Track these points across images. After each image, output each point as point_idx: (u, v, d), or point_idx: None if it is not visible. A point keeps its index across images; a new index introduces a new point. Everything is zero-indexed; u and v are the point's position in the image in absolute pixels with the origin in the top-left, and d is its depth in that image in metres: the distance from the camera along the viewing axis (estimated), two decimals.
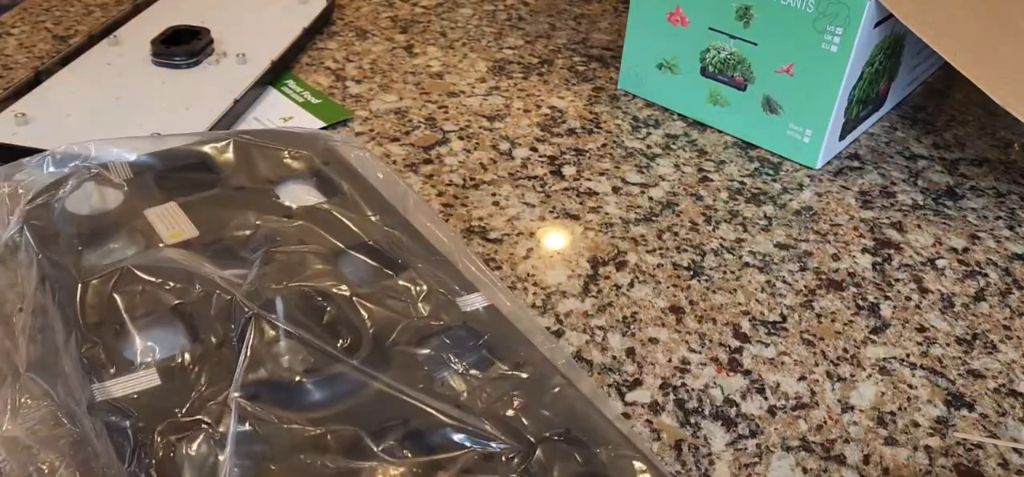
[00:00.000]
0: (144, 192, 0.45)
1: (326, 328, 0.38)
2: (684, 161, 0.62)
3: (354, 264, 0.43)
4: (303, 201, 0.46)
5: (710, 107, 0.66)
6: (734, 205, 0.58)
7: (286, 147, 0.50)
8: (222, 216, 0.44)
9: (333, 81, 0.69)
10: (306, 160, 0.49)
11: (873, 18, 0.57)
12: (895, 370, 0.46)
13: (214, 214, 0.44)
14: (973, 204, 0.60)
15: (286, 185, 0.48)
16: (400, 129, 0.64)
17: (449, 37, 0.78)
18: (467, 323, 0.39)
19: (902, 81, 0.69)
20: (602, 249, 0.53)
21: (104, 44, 0.70)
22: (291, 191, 0.47)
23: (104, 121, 0.60)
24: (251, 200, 0.45)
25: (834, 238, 0.55)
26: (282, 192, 0.47)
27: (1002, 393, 0.45)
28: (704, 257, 0.53)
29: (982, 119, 0.71)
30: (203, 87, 0.65)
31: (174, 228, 0.43)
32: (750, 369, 0.45)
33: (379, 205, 0.47)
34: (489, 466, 0.33)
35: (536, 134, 0.64)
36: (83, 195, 0.44)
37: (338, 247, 0.43)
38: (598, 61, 0.75)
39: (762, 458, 0.40)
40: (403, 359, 0.37)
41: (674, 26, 0.65)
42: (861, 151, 0.65)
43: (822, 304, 0.50)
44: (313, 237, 0.43)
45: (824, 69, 0.58)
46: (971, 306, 0.51)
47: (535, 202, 0.57)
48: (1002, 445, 0.42)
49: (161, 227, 0.42)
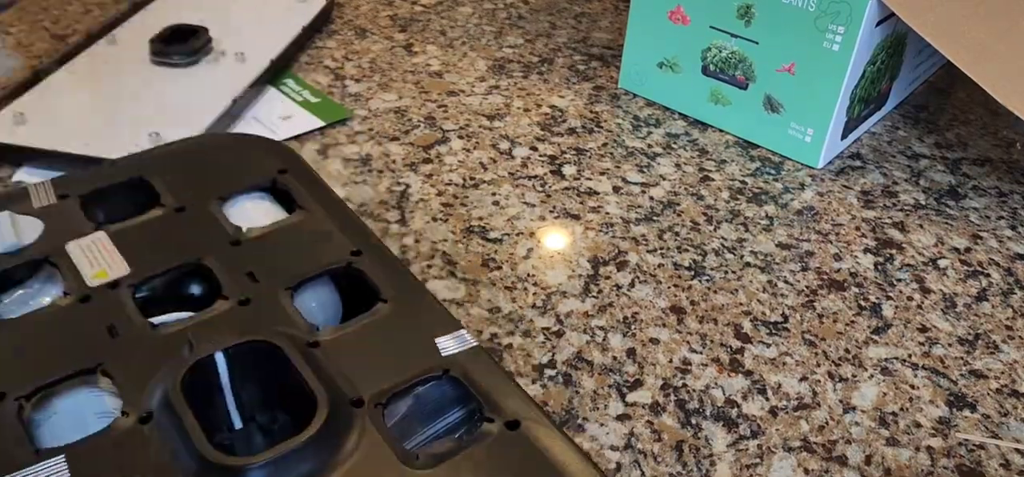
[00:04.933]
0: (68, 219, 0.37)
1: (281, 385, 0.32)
2: (685, 160, 0.62)
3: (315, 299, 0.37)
4: (256, 221, 0.39)
5: (711, 106, 0.66)
6: (735, 205, 0.58)
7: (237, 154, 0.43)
8: (159, 246, 0.37)
9: (332, 80, 0.69)
10: (261, 169, 0.42)
11: (875, 17, 0.56)
12: (897, 370, 0.46)
13: (150, 244, 0.37)
14: (975, 204, 0.60)
15: (236, 202, 0.40)
16: (400, 128, 0.64)
17: (449, 36, 0.77)
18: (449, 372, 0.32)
19: (904, 80, 0.69)
20: (603, 249, 0.53)
21: (102, 43, 0.70)
22: (242, 209, 0.40)
23: (102, 120, 0.60)
24: (194, 224, 0.38)
25: (836, 238, 0.55)
26: (232, 211, 0.40)
27: (1004, 393, 0.45)
28: (705, 257, 0.53)
29: (984, 118, 0.71)
30: (202, 86, 0.64)
31: (100, 265, 0.36)
32: (751, 369, 0.45)
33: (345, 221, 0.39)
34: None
35: (536, 133, 0.64)
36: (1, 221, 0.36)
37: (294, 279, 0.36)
38: (599, 60, 0.75)
39: (763, 459, 0.40)
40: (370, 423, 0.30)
41: (675, 25, 0.65)
42: (863, 150, 0.65)
43: (824, 304, 0.50)
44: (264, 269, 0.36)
45: (826, 68, 0.58)
46: (973, 306, 0.50)
47: (535, 202, 0.57)
48: (1004, 446, 0.42)
49: (85, 264, 0.35)
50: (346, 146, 0.61)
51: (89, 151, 0.56)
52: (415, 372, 0.32)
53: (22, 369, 0.31)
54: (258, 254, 0.37)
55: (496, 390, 0.32)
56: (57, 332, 0.33)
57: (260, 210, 0.40)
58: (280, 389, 0.33)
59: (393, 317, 0.35)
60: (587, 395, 0.42)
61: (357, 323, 0.34)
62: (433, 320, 0.35)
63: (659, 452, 0.40)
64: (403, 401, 0.32)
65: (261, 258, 0.37)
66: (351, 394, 0.31)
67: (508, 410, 0.31)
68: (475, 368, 0.32)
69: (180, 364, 0.31)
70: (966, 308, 0.50)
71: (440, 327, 0.34)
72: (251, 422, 0.34)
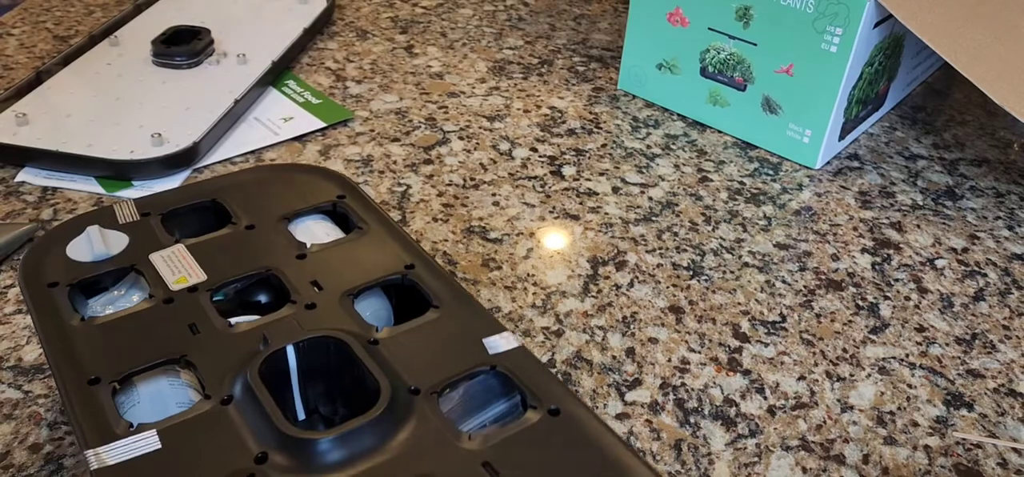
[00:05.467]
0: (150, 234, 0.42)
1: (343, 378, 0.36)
2: (684, 161, 0.62)
3: (370, 307, 0.40)
4: (318, 239, 0.43)
5: (710, 107, 0.66)
6: (734, 205, 0.58)
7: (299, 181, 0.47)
8: (232, 258, 0.41)
9: (333, 81, 0.69)
10: (322, 194, 0.46)
11: (873, 18, 0.57)
12: (894, 370, 0.46)
13: (224, 257, 0.41)
14: (972, 204, 0.60)
15: (300, 222, 0.44)
16: (400, 129, 0.64)
17: (449, 37, 0.78)
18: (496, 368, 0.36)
19: (901, 81, 0.69)
20: (602, 249, 0.53)
21: (105, 44, 0.70)
22: (306, 228, 0.44)
23: (104, 121, 0.60)
24: (263, 239, 0.42)
25: (833, 238, 0.56)
26: (296, 230, 0.44)
27: (1001, 393, 0.45)
28: (704, 257, 0.53)
29: (981, 119, 0.71)
30: (203, 87, 0.65)
31: (181, 272, 0.40)
32: (750, 369, 0.45)
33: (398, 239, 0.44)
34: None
35: (536, 134, 0.64)
36: (86, 241, 0.40)
37: (354, 287, 0.40)
38: (598, 61, 0.75)
39: (762, 458, 0.40)
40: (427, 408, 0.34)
41: (674, 26, 0.65)
42: (860, 151, 0.65)
43: (821, 304, 0.50)
44: (327, 279, 0.40)
45: (824, 69, 0.58)
46: (970, 306, 0.51)
47: (535, 202, 0.57)
48: (1001, 445, 0.42)
49: (166, 271, 0.40)
50: (347, 147, 0.61)
51: (91, 152, 0.56)
52: (465, 366, 0.36)
53: (116, 358, 0.35)
54: (322, 266, 0.41)
55: (538, 382, 0.35)
56: (145, 328, 0.36)
57: (322, 229, 0.44)
58: (342, 383, 0.36)
59: (444, 321, 0.38)
60: (586, 394, 0.43)
61: (412, 325, 0.38)
62: (480, 323, 0.38)
63: (658, 451, 0.40)
64: (455, 392, 0.35)
65: (324, 269, 0.41)
66: (409, 384, 0.34)
67: (549, 399, 0.34)
68: (519, 364, 0.36)
69: (256, 355, 0.35)
70: (963, 308, 0.50)
71: (487, 329, 0.38)
72: (313, 414, 0.38)
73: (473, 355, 0.36)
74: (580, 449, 0.33)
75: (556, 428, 0.33)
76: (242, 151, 0.60)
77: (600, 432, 0.33)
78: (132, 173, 0.56)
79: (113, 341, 0.36)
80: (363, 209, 0.45)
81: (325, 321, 0.37)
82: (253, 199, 0.45)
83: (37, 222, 0.52)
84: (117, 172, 0.56)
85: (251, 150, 0.60)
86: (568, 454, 0.32)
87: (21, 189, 0.56)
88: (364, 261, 0.41)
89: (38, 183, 0.56)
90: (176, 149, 0.57)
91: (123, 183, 0.56)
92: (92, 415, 0.32)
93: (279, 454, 0.31)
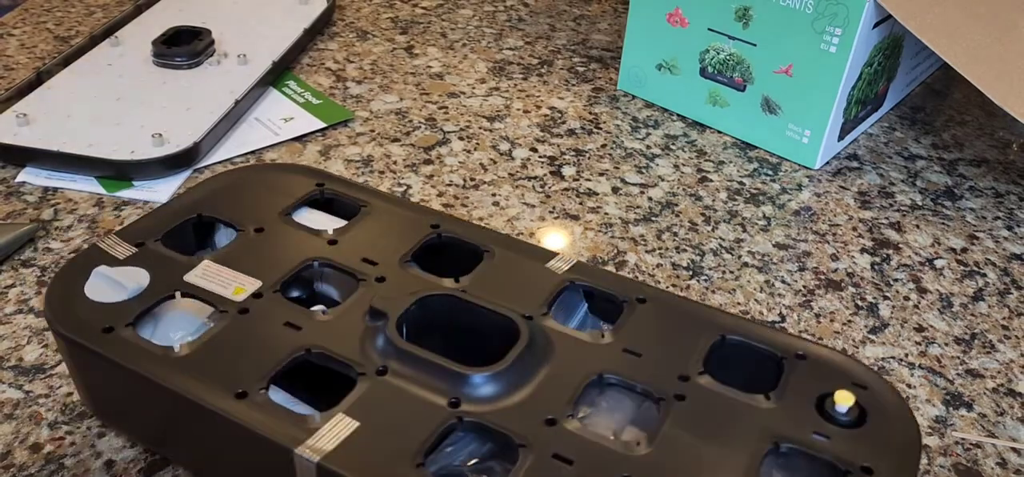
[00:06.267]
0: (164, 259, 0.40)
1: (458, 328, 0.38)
2: (683, 161, 0.62)
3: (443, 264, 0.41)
4: (326, 226, 0.43)
5: (709, 108, 0.66)
6: (733, 205, 0.58)
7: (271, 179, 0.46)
8: (267, 259, 0.40)
9: (334, 82, 0.70)
10: (301, 187, 0.45)
11: (872, 18, 0.57)
12: (894, 370, 0.46)
13: (258, 260, 0.40)
14: (971, 204, 0.60)
15: (299, 215, 0.44)
16: (400, 129, 0.64)
17: (449, 38, 0.78)
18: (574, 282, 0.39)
19: (901, 81, 0.69)
20: (602, 249, 0.53)
21: (105, 45, 0.70)
22: (312, 219, 0.43)
23: (105, 122, 0.60)
24: (281, 236, 0.42)
25: (833, 238, 0.56)
26: (304, 219, 0.43)
27: (1000, 393, 0.45)
28: (703, 257, 0.53)
29: (981, 119, 0.71)
30: (204, 88, 0.65)
31: (232, 284, 0.38)
32: None
33: (405, 205, 0.44)
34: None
35: (536, 135, 0.64)
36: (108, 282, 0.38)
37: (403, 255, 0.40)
38: (598, 62, 0.75)
39: None
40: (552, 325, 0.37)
41: (673, 27, 0.65)
42: (860, 151, 0.65)
43: (821, 304, 0.50)
44: (372, 253, 0.40)
45: (823, 70, 0.59)
46: (969, 306, 0.51)
47: (535, 202, 0.57)
48: (1000, 444, 0.42)
49: (217, 287, 0.38)
50: (348, 147, 0.61)
51: (92, 152, 0.57)
52: (547, 292, 0.39)
53: (244, 371, 0.34)
54: (360, 245, 0.41)
55: (609, 283, 0.40)
56: (247, 340, 0.36)
57: (324, 219, 0.44)
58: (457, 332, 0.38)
59: (503, 261, 0.41)
60: None
61: (482, 271, 0.40)
62: (533, 254, 0.41)
63: None
64: (552, 309, 0.38)
65: (365, 247, 0.41)
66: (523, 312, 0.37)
67: (630, 292, 0.39)
68: (586, 275, 0.40)
69: (383, 322, 0.36)
70: (962, 308, 0.51)
71: (542, 256, 0.41)
72: None
73: (546, 280, 0.39)
74: (678, 319, 0.38)
75: (647, 313, 0.38)
76: (242, 151, 0.60)
77: (683, 305, 0.38)
78: (133, 173, 0.56)
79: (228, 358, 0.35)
80: (349, 188, 0.45)
81: (405, 288, 0.38)
82: (238, 205, 0.44)
83: (37, 222, 0.53)
84: (118, 172, 0.56)
85: (251, 150, 0.60)
86: (675, 324, 0.37)
87: (22, 189, 0.56)
88: (391, 232, 0.42)
89: (39, 183, 0.56)
90: (177, 149, 0.57)
91: (124, 183, 0.56)
92: (276, 420, 0.32)
93: (466, 399, 0.34)
